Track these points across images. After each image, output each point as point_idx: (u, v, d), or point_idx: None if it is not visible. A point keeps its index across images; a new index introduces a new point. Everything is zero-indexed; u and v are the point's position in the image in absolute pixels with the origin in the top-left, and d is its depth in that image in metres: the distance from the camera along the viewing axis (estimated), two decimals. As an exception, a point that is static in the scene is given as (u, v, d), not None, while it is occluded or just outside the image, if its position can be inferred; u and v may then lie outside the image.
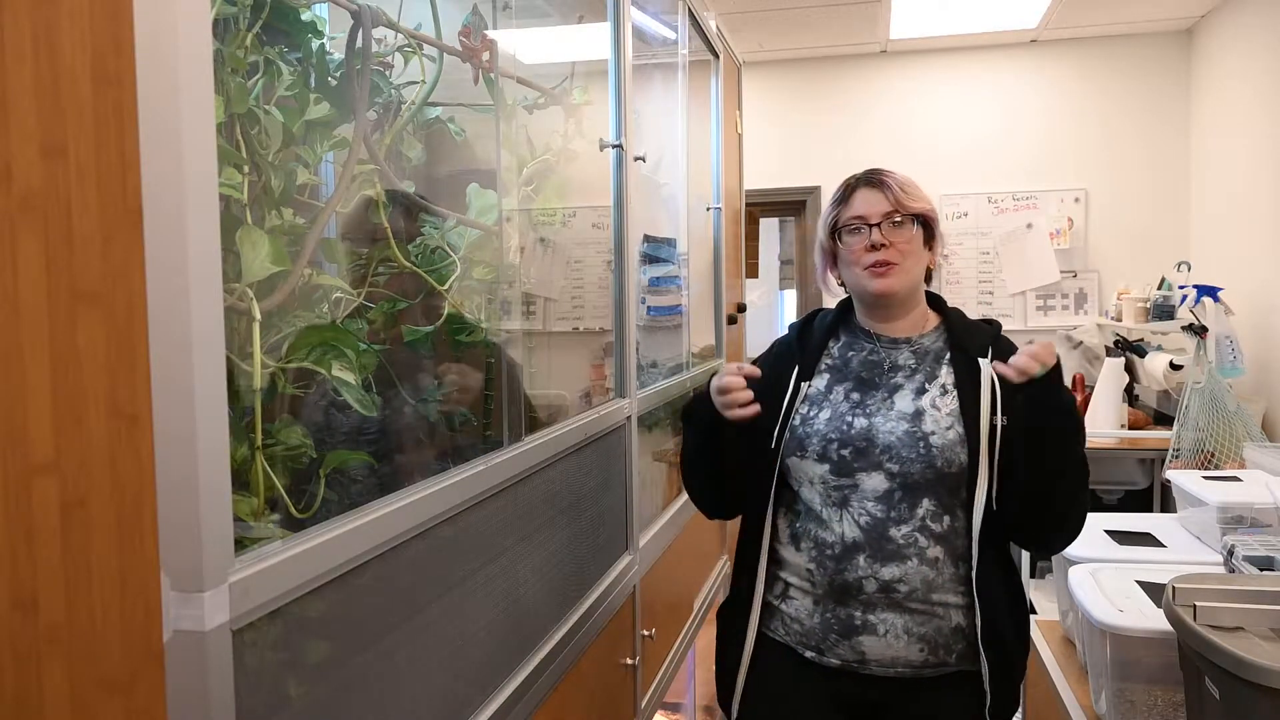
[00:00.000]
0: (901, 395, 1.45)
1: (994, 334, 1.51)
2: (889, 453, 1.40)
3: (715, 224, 2.86)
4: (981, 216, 4.35)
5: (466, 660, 1.13)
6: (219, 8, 0.93)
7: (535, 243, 1.82)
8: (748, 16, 3.82)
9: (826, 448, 1.43)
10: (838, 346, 1.55)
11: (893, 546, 1.38)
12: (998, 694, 1.39)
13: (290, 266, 0.99)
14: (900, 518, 1.39)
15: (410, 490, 1.00)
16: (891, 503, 1.39)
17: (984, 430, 1.39)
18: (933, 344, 1.50)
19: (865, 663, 1.40)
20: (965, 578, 1.39)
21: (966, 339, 1.49)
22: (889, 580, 1.38)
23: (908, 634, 1.39)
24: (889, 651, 1.39)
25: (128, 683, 0.69)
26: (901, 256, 1.45)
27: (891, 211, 1.45)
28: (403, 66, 1.28)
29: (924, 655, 1.39)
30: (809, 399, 1.49)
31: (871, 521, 1.39)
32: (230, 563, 0.71)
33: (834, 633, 1.42)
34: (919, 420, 1.41)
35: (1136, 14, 3.92)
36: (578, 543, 1.54)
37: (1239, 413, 3.05)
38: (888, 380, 1.47)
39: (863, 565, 1.39)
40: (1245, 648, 1.06)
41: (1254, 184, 3.48)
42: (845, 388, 1.49)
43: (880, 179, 1.48)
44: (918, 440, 1.39)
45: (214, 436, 0.69)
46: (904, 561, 1.38)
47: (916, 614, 1.39)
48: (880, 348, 1.51)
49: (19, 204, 0.67)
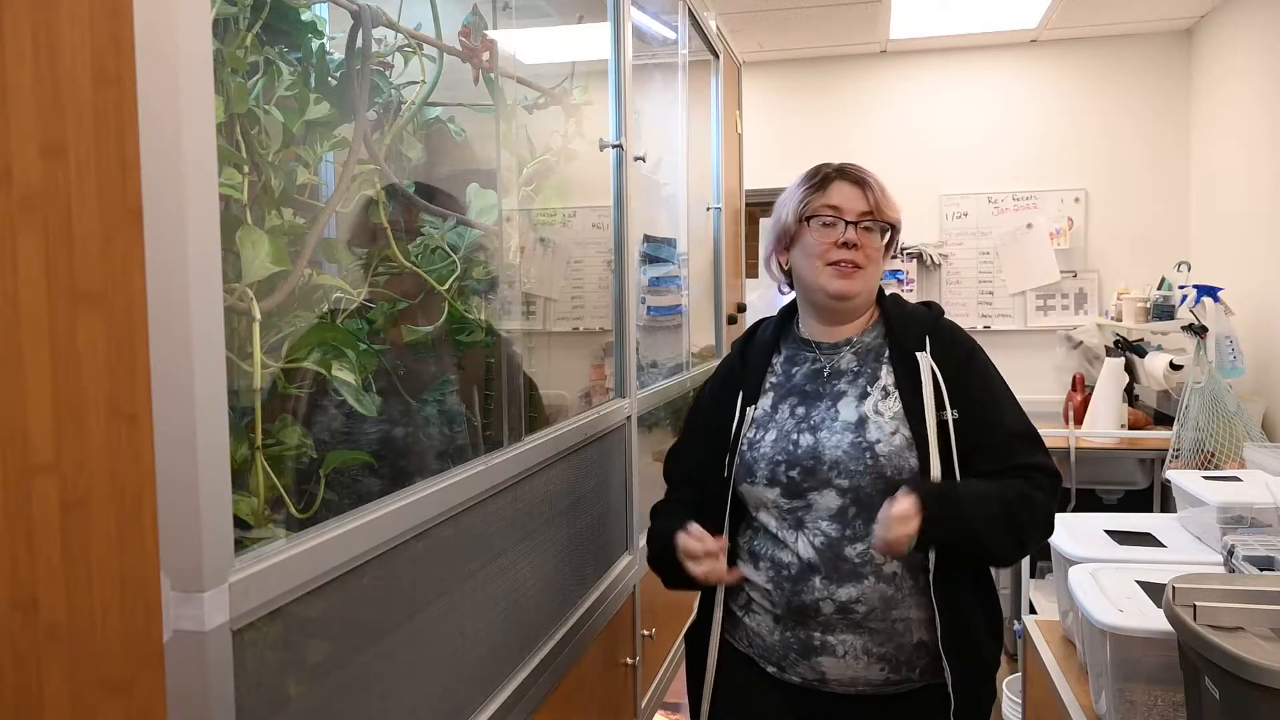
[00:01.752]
0: (845, 402, 1.39)
1: (933, 320, 1.44)
2: (837, 468, 1.35)
3: (715, 224, 2.86)
4: (981, 216, 4.34)
5: (467, 660, 1.13)
6: (219, 8, 0.93)
7: (535, 243, 1.82)
8: (748, 16, 3.82)
9: (775, 471, 1.38)
10: (780, 361, 1.50)
11: (848, 566, 1.34)
12: (964, 701, 1.35)
13: (290, 266, 0.99)
14: (855, 535, 1.34)
15: (410, 490, 1.00)
16: (846, 520, 1.35)
17: (931, 429, 1.34)
18: (873, 341, 1.45)
19: (826, 681, 1.37)
20: (925, 588, 1.34)
21: (903, 332, 1.42)
22: (846, 601, 1.33)
23: (867, 654, 1.35)
24: (849, 672, 1.35)
25: (128, 683, 0.69)
26: (868, 261, 1.40)
27: (869, 213, 1.40)
28: (403, 66, 1.28)
29: (885, 674, 1.35)
30: (755, 422, 1.44)
31: (826, 541, 1.35)
32: (230, 563, 0.71)
33: (794, 652, 1.38)
34: (863, 429, 1.36)
35: (1136, 14, 3.92)
36: (578, 543, 1.54)
37: (1239, 413, 3.04)
38: (831, 388, 1.42)
39: (819, 587, 1.34)
40: (1245, 648, 1.06)
41: (1254, 184, 3.48)
42: (790, 404, 1.43)
43: (862, 176, 1.43)
44: (863, 451, 1.34)
45: (214, 436, 0.69)
46: (860, 581, 1.33)
47: (876, 633, 1.34)
48: (822, 355, 1.46)
49: (19, 204, 0.67)
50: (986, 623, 1.39)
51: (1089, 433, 3.60)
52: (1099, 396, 3.68)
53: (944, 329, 1.44)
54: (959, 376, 1.39)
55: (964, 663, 1.35)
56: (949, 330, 1.45)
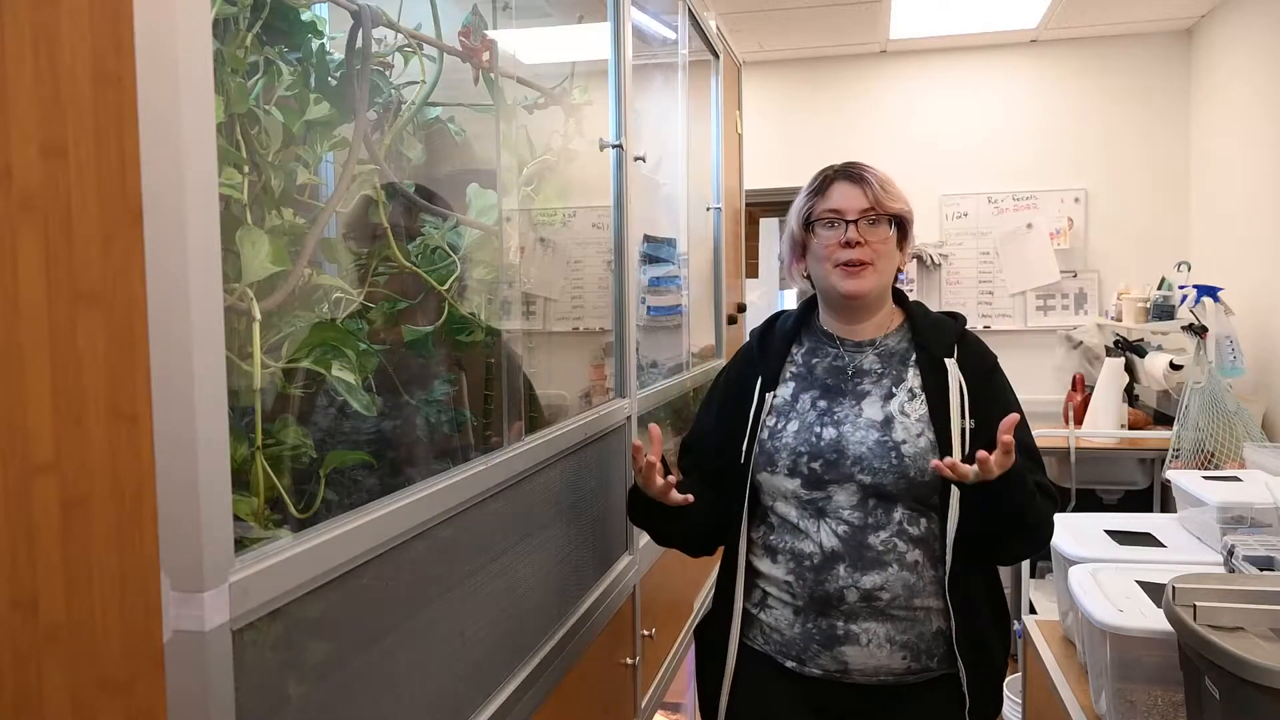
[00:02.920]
0: (870, 402, 1.42)
1: (958, 331, 1.47)
2: (860, 464, 1.37)
3: (715, 224, 2.86)
4: (981, 216, 4.34)
5: (467, 660, 1.13)
6: (219, 8, 0.93)
7: (535, 243, 1.82)
8: (748, 16, 3.82)
9: (796, 461, 1.40)
10: (801, 352, 1.51)
11: (872, 554, 1.36)
12: (977, 697, 1.38)
13: (290, 266, 0.99)
14: (878, 524, 1.37)
15: (410, 490, 1.00)
16: (867, 510, 1.37)
17: (955, 435, 1.37)
18: (897, 345, 1.47)
19: (848, 672, 1.38)
20: (941, 580, 1.37)
21: (931, 338, 1.45)
22: (870, 589, 1.35)
23: (890, 642, 1.37)
24: (871, 661, 1.37)
25: (128, 683, 0.69)
26: (875, 256, 1.41)
27: (869, 209, 1.41)
28: (403, 66, 1.27)
29: (906, 662, 1.38)
30: (775, 410, 1.46)
31: (849, 530, 1.37)
32: (230, 563, 0.71)
33: (816, 643, 1.39)
34: (889, 428, 1.38)
35: (1136, 14, 3.92)
36: (578, 543, 1.54)
37: (1239, 413, 3.04)
38: (854, 386, 1.44)
39: (843, 575, 1.36)
40: (1245, 648, 1.06)
41: (1254, 184, 3.48)
42: (812, 395, 1.45)
43: (860, 173, 1.44)
44: (889, 450, 1.37)
45: (214, 436, 0.69)
46: (884, 569, 1.36)
47: (899, 621, 1.37)
48: (845, 352, 1.47)
49: (19, 204, 0.67)
50: (996, 625, 1.42)
51: (1089, 433, 3.60)
52: (1099, 396, 3.68)
53: (970, 340, 1.47)
54: (983, 388, 1.42)
55: (976, 654, 1.38)
56: (975, 342, 1.48)
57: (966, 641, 1.37)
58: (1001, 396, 1.45)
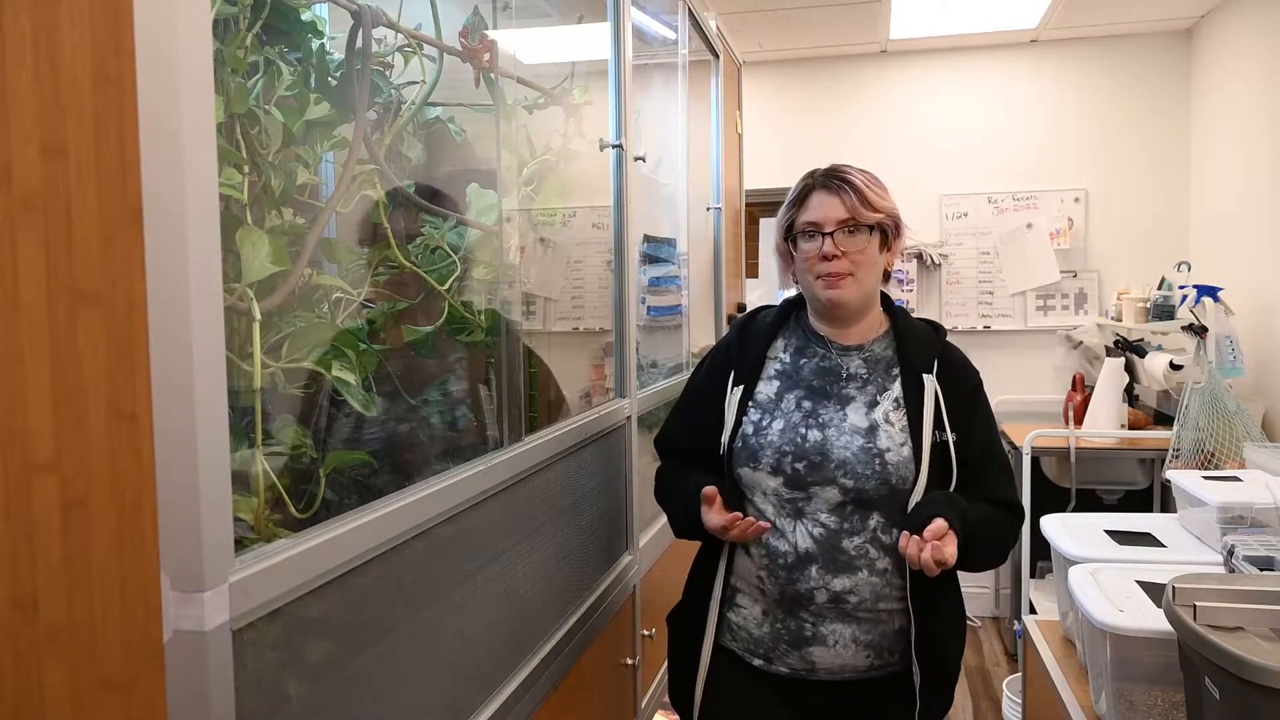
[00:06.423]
0: (854, 407, 1.43)
1: (939, 346, 1.49)
2: (844, 468, 1.39)
3: (715, 224, 2.86)
4: (981, 216, 4.34)
5: (467, 660, 1.13)
6: (219, 8, 0.93)
7: (535, 243, 1.82)
8: (748, 16, 3.82)
9: (780, 460, 1.41)
10: (788, 351, 1.52)
11: (845, 558, 1.38)
12: (928, 700, 1.42)
13: (290, 266, 0.99)
14: (853, 529, 1.39)
15: (410, 490, 1.00)
16: (844, 514, 1.39)
17: (926, 447, 1.39)
18: (883, 352, 1.48)
19: (815, 670, 1.42)
20: (905, 587, 1.40)
21: (913, 350, 1.47)
22: (839, 591, 1.38)
23: (855, 643, 1.40)
24: (837, 660, 1.41)
25: (128, 683, 0.69)
26: (855, 266, 1.42)
27: (847, 219, 1.41)
28: (403, 66, 1.28)
29: (870, 660, 1.42)
30: (759, 406, 1.47)
31: (825, 533, 1.39)
32: (230, 563, 0.71)
33: (784, 643, 1.43)
34: (873, 436, 1.40)
35: (1136, 14, 3.92)
36: (578, 543, 1.54)
37: (1239, 413, 3.04)
38: (839, 390, 1.45)
39: (814, 576, 1.38)
40: (1245, 648, 1.06)
41: (1254, 184, 3.48)
42: (796, 395, 1.46)
43: (839, 182, 1.43)
44: (873, 457, 1.38)
45: (214, 436, 0.69)
46: (855, 573, 1.38)
47: (864, 622, 1.40)
48: (833, 354, 1.48)
49: (19, 204, 0.67)
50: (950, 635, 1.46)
51: (1089, 433, 3.60)
52: (1099, 396, 3.68)
53: (951, 355, 1.49)
54: (966, 405, 1.45)
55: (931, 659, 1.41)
56: (957, 357, 1.50)
57: (923, 648, 1.40)
58: (984, 414, 1.49)
